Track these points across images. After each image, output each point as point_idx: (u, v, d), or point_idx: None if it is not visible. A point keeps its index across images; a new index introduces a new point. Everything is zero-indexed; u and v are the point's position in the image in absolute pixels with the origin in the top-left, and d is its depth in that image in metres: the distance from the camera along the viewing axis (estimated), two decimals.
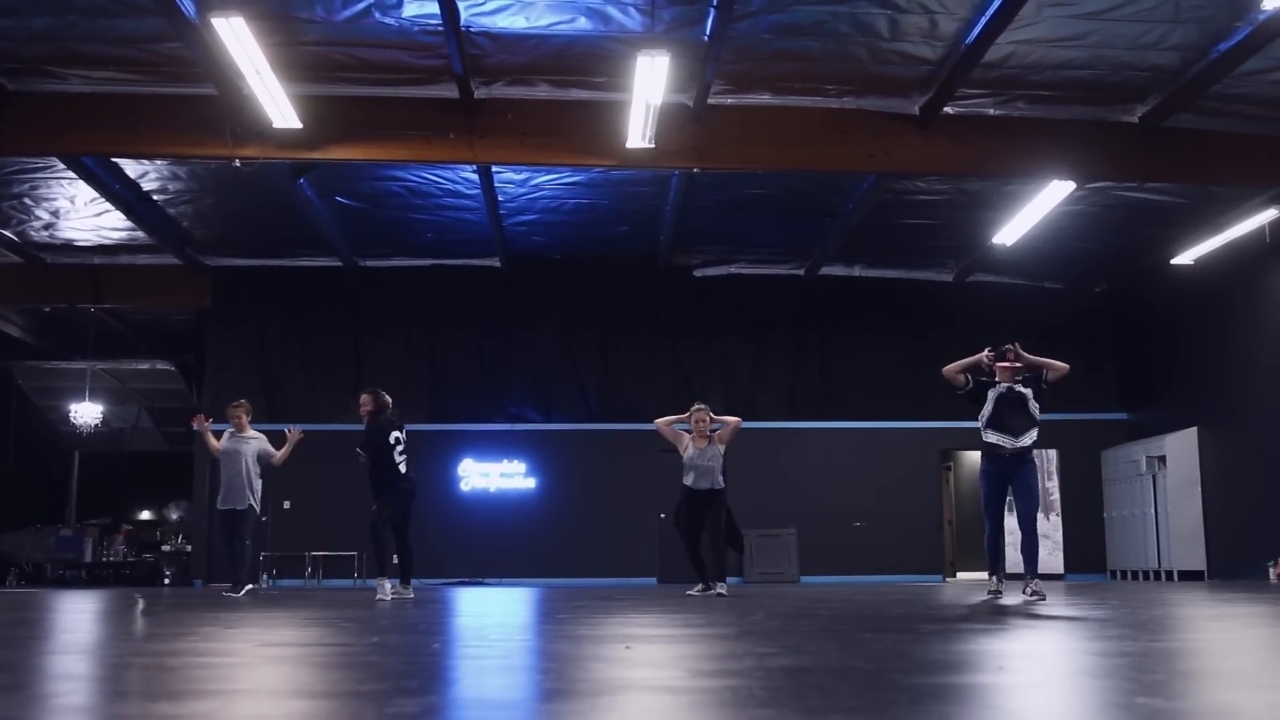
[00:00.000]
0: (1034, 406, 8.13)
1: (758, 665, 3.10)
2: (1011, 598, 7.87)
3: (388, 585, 9.25)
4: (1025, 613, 6.20)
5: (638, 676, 2.90)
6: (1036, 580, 7.96)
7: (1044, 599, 7.75)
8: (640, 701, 2.39)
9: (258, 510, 10.85)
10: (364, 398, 9.77)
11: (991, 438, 8.16)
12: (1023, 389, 8.17)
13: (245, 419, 10.94)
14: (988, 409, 8.17)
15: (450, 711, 2.26)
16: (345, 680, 2.83)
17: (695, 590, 9.82)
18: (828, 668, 3.03)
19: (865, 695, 2.44)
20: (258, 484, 10.83)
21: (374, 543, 9.54)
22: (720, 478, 9.86)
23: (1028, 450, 8.12)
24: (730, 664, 3.19)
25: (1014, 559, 9.41)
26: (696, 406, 10.09)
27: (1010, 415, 8.11)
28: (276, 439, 11.09)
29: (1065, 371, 8.18)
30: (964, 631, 4.62)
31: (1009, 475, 8.17)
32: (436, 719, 2.14)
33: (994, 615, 5.95)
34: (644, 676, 2.90)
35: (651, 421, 10.49)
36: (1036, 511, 8.22)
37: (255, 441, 10.89)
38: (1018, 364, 8.29)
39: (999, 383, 8.27)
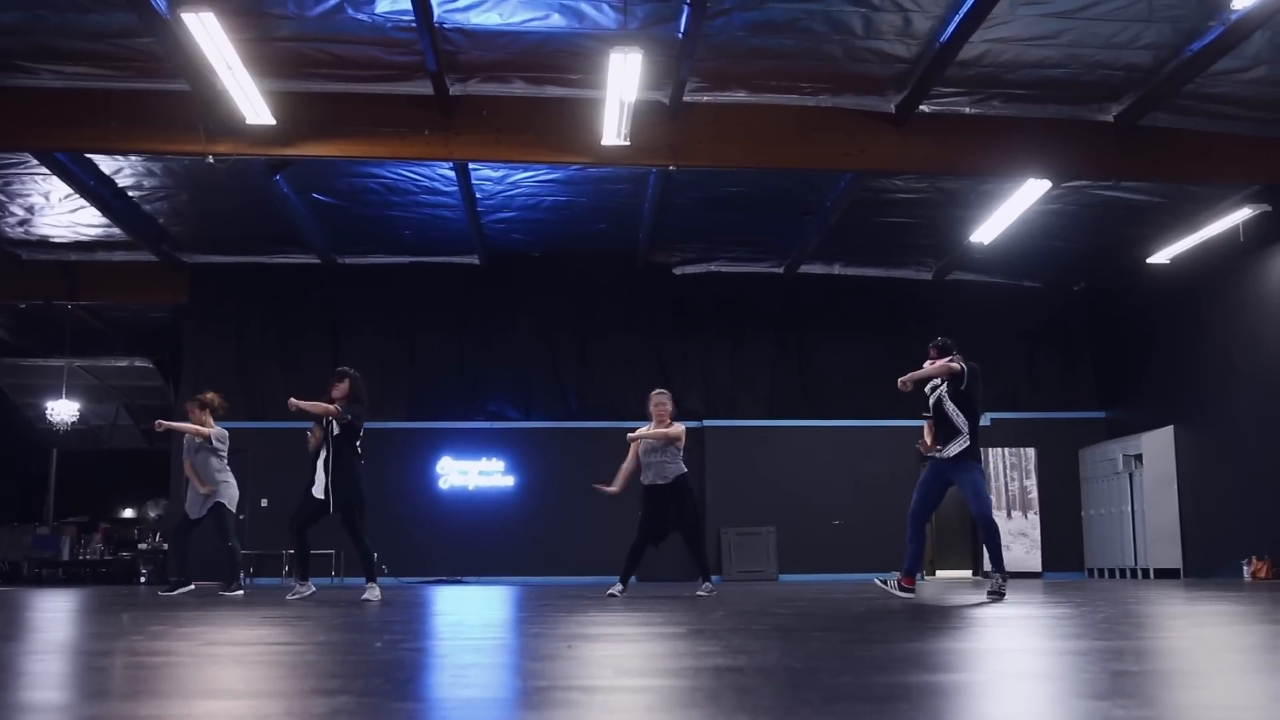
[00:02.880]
0: (950, 409, 7.81)
1: (691, 665, 3.08)
2: (972, 595, 7.85)
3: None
4: (986, 611, 6.20)
5: (565, 676, 2.87)
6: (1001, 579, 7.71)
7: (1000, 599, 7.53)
8: (553, 701, 2.37)
9: (229, 506, 10.46)
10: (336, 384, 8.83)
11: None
12: (940, 392, 7.90)
13: (196, 416, 10.47)
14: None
15: (359, 711, 2.23)
16: (268, 680, 2.80)
17: (615, 590, 9.21)
18: (760, 668, 3.01)
19: (783, 696, 2.42)
20: (229, 477, 10.52)
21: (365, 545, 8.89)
22: (671, 468, 9.31)
23: (956, 459, 7.78)
24: (664, 664, 3.17)
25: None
26: (657, 391, 9.58)
27: (936, 424, 7.89)
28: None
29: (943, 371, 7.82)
30: (914, 630, 4.61)
31: (950, 480, 7.91)
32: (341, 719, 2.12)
33: (954, 614, 5.94)
34: (571, 676, 2.88)
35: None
36: (983, 508, 7.82)
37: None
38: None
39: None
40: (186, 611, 6.58)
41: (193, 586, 10.37)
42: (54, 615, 6.69)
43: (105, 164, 13.81)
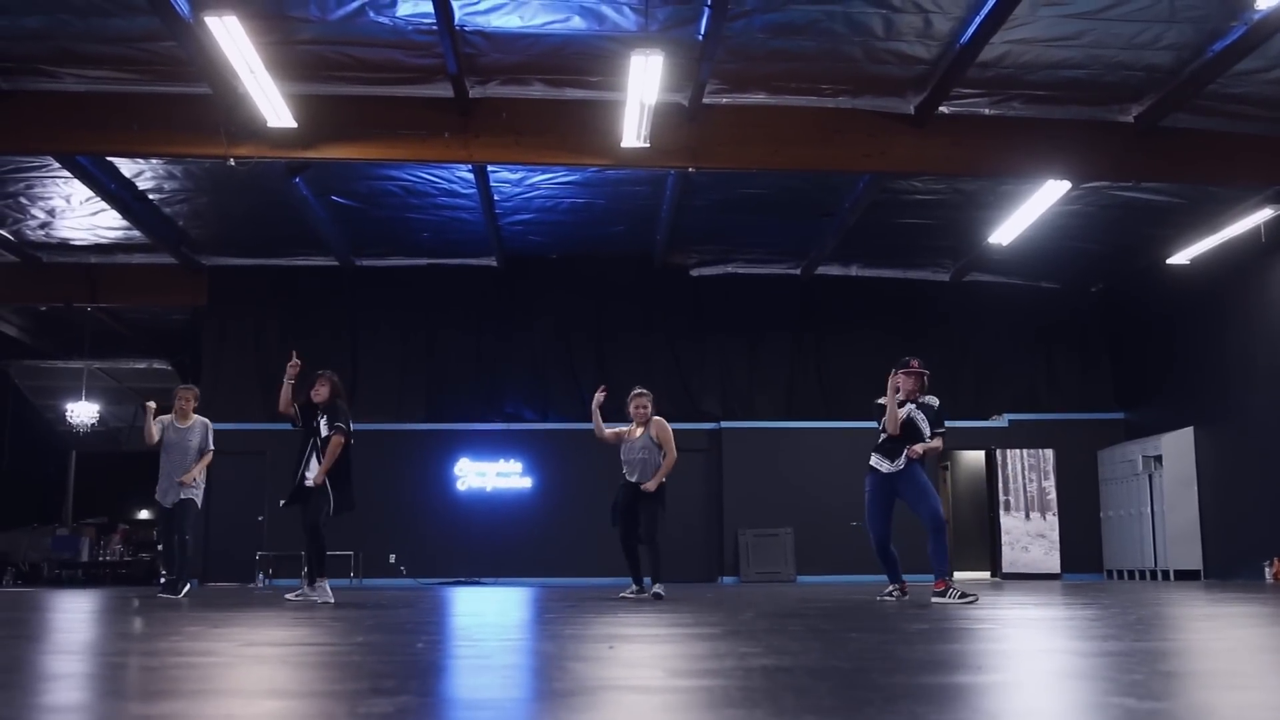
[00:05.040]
0: (926, 431, 8.00)
1: (738, 665, 3.09)
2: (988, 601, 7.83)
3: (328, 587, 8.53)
4: (1014, 613, 6.19)
5: (615, 676, 2.89)
6: (953, 581, 7.89)
7: (973, 600, 7.52)
8: (613, 701, 2.38)
9: (199, 503, 10.05)
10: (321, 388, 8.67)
11: (873, 460, 8.03)
12: (920, 415, 8.02)
13: (190, 406, 10.17)
14: (884, 435, 7.98)
15: (423, 711, 2.26)
16: (322, 680, 2.82)
17: (629, 592, 9.08)
18: (807, 667, 3.02)
19: (840, 695, 2.43)
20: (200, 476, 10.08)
21: (320, 541, 8.55)
22: (640, 475, 9.11)
23: (907, 463, 8.00)
24: (711, 664, 3.19)
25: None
26: (637, 391, 9.32)
27: (903, 441, 7.96)
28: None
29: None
30: (949, 631, 4.61)
31: (895, 489, 8.00)
32: (408, 719, 2.13)
33: (983, 616, 5.94)
34: (621, 676, 2.89)
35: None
36: (940, 507, 8.00)
37: (198, 431, 10.13)
38: (924, 371, 8.12)
39: (901, 402, 8.04)
40: (214, 612, 6.62)
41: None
42: (85, 616, 6.73)
43: (126, 167, 13.89)
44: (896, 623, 5.18)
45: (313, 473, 8.47)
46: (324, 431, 8.46)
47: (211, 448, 10.15)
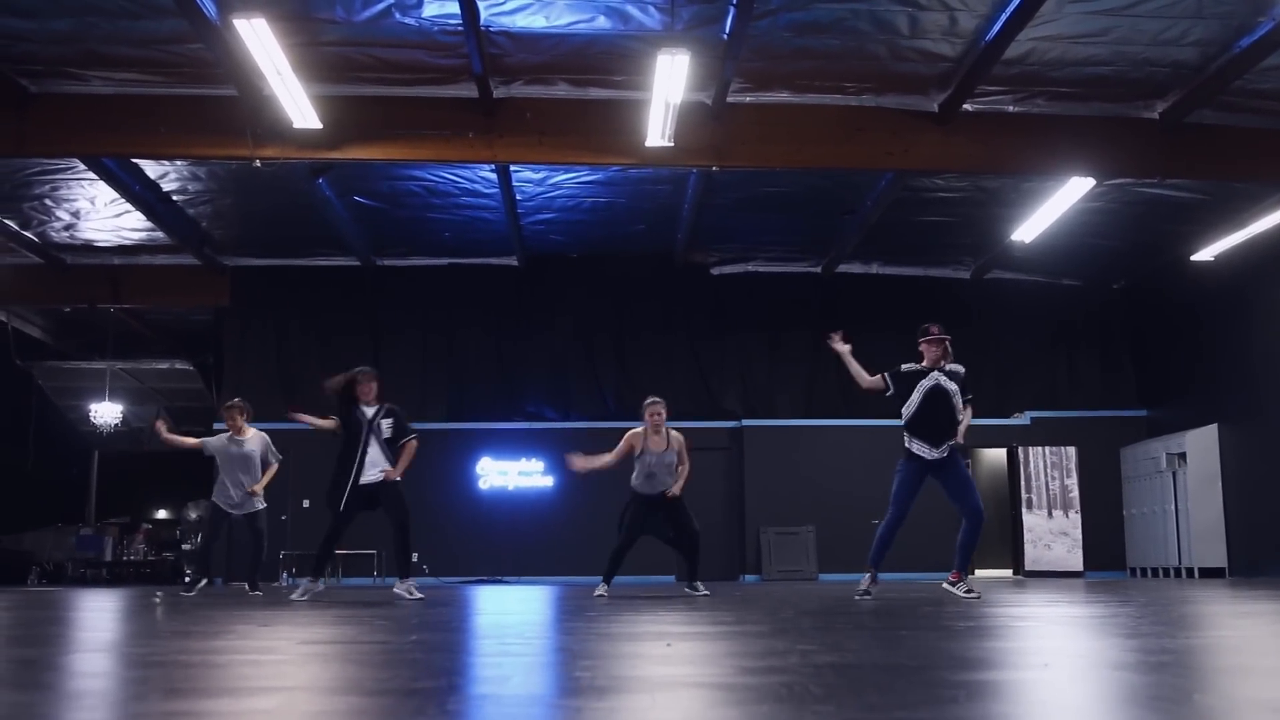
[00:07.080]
0: (958, 403, 7.76)
1: (804, 662, 3.11)
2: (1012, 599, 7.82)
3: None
4: (1051, 610, 6.20)
5: (685, 673, 2.91)
6: (969, 577, 7.89)
7: (977, 598, 7.50)
8: (695, 697, 2.40)
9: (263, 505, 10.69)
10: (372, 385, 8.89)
11: (914, 446, 7.73)
12: (948, 381, 7.76)
13: (242, 419, 10.60)
14: (914, 407, 7.73)
15: (509, 706, 2.28)
16: (396, 678, 2.85)
17: (601, 590, 9.43)
18: (874, 664, 3.04)
19: (920, 691, 2.45)
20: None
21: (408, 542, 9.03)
22: (671, 482, 9.42)
23: (951, 452, 7.75)
24: (775, 661, 3.20)
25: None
26: (652, 400, 9.49)
27: (937, 416, 7.68)
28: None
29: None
30: (997, 629, 4.62)
31: (936, 477, 7.77)
32: (497, 714, 2.15)
33: (1023, 614, 5.95)
34: (691, 673, 2.91)
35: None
36: (979, 499, 7.77)
37: (259, 444, 10.62)
38: (946, 337, 7.87)
39: (926, 370, 7.83)
40: (252, 610, 6.66)
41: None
42: (123, 616, 6.77)
43: (151, 169, 13.96)
44: (940, 620, 5.19)
45: (377, 467, 8.75)
46: (386, 432, 8.83)
47: (275, 460, 10.71)
